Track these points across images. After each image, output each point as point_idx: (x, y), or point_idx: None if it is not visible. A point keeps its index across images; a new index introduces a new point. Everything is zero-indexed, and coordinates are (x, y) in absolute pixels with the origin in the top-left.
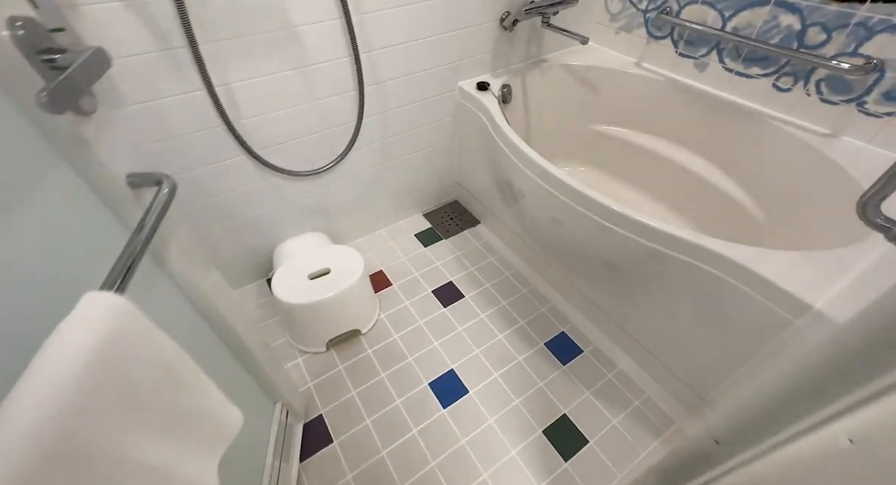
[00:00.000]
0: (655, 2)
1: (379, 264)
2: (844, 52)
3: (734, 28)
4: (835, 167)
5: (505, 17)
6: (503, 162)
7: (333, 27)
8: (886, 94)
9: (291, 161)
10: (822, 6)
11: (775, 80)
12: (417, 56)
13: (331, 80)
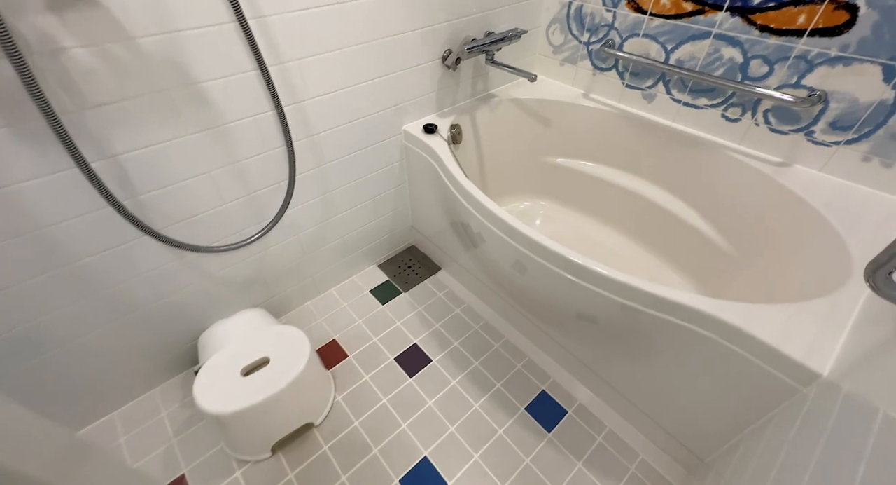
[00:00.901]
0: (597, 34)
1: (331, 332)
2: (788, 83)
3: (678, 60)
4: (791, 195)
5: (447, 55)
6: (458, 208)
7: (248, 80)
8: (833, 124)
9: (211, 234)
10: (761, 40)
11: (724, 110)
12: (354, 102)
13: (252, 139)
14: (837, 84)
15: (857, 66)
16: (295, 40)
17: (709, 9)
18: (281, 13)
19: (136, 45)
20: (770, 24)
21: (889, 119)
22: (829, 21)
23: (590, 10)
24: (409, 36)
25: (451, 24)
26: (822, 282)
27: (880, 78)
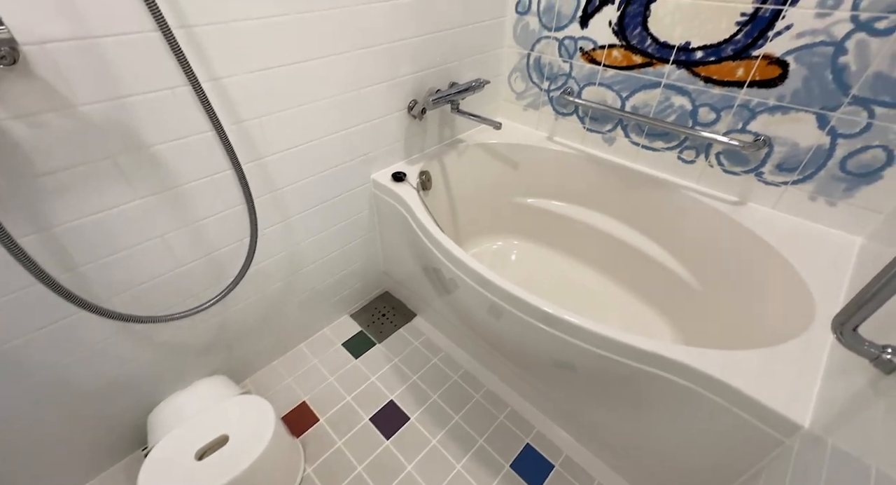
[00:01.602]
0: (556, 83)
1: (300, 394)
2: (735, 129)
3: (633, 107)
4: (748, 233)
5: (413, 105)
6: (429, 256)
7: (204, 140)
8: (779, 166)
9: (164, 300)
10: (706, 90)
11: (679, 153)
12: (320, 155)
13: (209, 198)
14: (779, 130)
15: (794, 115)
16: (255, 100)
17: (656, 61)
18: (238, 74)
19: (79, 114)
20: (713, 76)
21: (828, 162)
22: (765, 74)
23: (548, 60)
24: (375, 89)
25: (415, 77)
26: (789, 322)
27: (815, 125)
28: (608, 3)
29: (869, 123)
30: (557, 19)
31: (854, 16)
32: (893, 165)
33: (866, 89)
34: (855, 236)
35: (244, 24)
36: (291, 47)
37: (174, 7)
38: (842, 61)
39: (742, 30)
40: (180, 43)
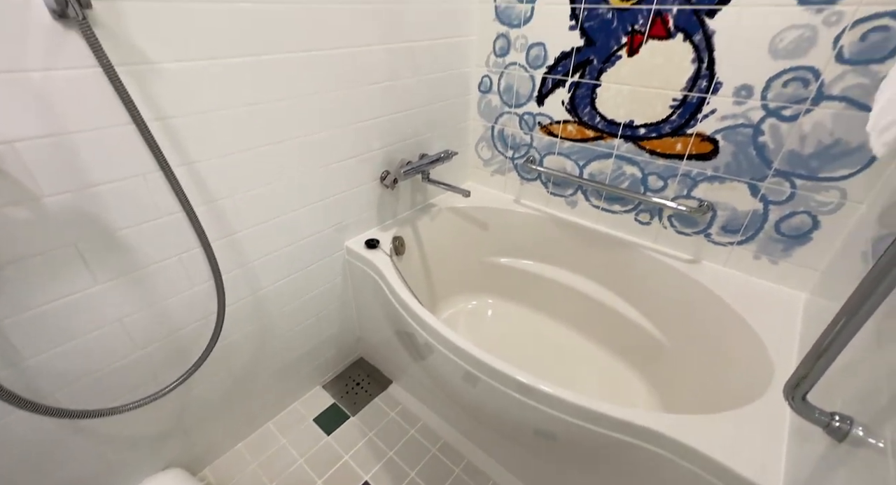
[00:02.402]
0: (520, 151)
1: (266, 482)
2: (681, 195)
3: (590, 174)
4: (704, 290)
5: (385, 176)
6: (403, 323)
7: (173, 221)
8: (724, 228)
9: (117, 389)
10: (652, 161)
11: (636, 215)
12: (293, 227)
13: (175, 278)
14: (718, 197)
15: (729, 184)
16: (227, 180)
17: (607, 135)
18: (211, 159)
19: (42, 205)
20: (656, 149)
21: (764, 225)
22: (699, 149)
23: (510, 132)
24: (347, 163)
25: (386, 151)
26: (752, 379)
27: (748, 193)
28: (560, 86)
29: (793, 192)
30: (516, 98)
31: (764, 104)
32: (819, 229)
33: (785, 164)
34: (799, 292)
35: (219, 113)
36: (265, 131)
37: (151, 102)
38: (761, 140)
39: (675, 112)
40: (155, 134)
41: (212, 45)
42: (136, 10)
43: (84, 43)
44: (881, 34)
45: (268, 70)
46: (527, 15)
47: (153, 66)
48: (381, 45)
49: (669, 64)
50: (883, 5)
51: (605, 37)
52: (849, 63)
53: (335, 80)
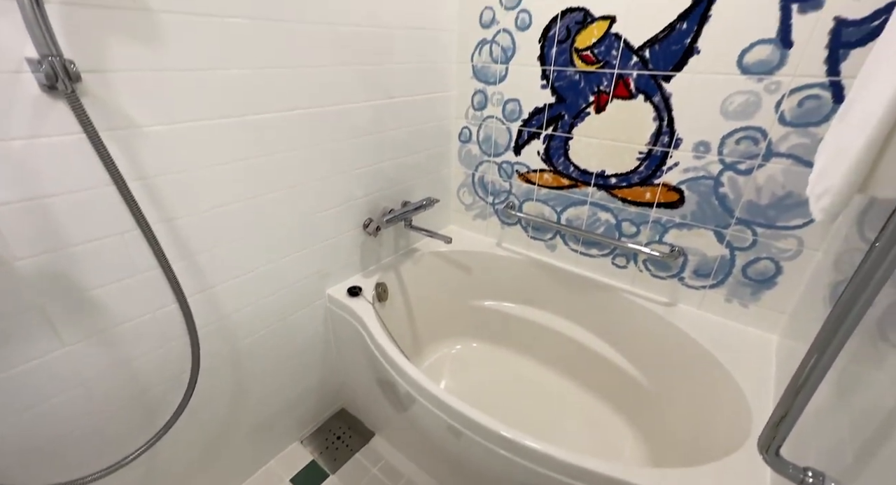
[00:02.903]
0: (499, 197)
1: None
2: (653, 240)
3: (567, 220)
4: (681, 334)
5: (368, 223)
6: (385, 374)
7: (149, 278)
8: (696, 272)
9: (73, 461)
10: (625, 208)
11: (612, 259)
12: (274, 278)
13: (148, 335)
14: (688, 242)
15: (696, 231)
16: (207, 234)
17: (581, 184)
18: (192, 215)
19: (11, 269)
20: (627, 197)
21: (732, 270)
22: (667, 198)
23: (490, 179)
24: (330, 212)
25: (369, 199)
26: (732, 425)
27: (715, 240)
28: (535, 138)
29: (755, 239)
30: (495, 148)
31: (721, 159)
32: (783, 274)
33: (745, 213)
34: (770, 334)
35: (202, 171)
36: (249, 185)
37: (133, 163)
38: (721, 191)
39: (642, 164)
40: (135, 194)
41: (197, 109)
42: (125, 79)
43: (70, 112)
44: (815, 101)
45: (253, 128)
46: (502, 74)
47: (138, 129)
48: (367, 102)
49: (633, 121)
50: (812, 78)
51: (574, 95)
52: (791, 125)
53: (321, 134)
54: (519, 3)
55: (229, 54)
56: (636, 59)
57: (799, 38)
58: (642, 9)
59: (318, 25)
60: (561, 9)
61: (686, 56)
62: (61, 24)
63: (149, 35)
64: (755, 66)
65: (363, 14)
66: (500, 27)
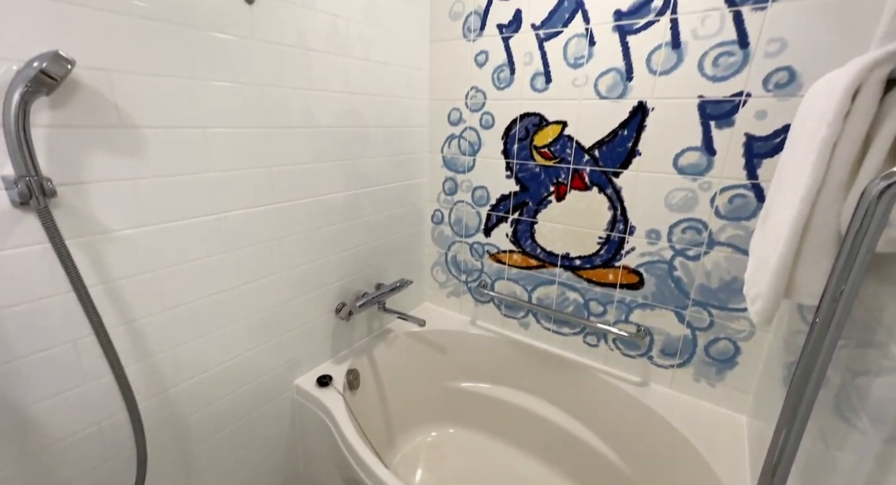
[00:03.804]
0: (472, 276)
1: None
2: (620, 319)
3: (538, 299)
4: (655, 416)
5: (340, 308)
6: (352, 472)
7: (99, 386)
8: (663, 351)
9: None
10: (591, 288)
11: (583, 338)
12: (238, 372)
13: (89, 450)
14: (652, 322)
15: (659, 311)
16: (171, 333)
17: (548, 264)
18: (156, 313)
19: None
20: (592, 278)
21: (696, 349)
22: (628, 280)
23: (462, 258)
24: (301, 300)
25: (342, 284)
26: None
27: (676, 320)
28: (503, 221)
29: (712, 320)
30: (466, 229)
31: (671, 245)
32: (742, 354)
33: (699, 295)
34: (740, 415)
35: (171, 269)
36: (220, 280)
37: (100, 268)
38: (676, 275)
39: (603, 248)
40: (96, 298)
41: (170, 211)
42: (101, 188)
43: (39, 225)
44: (742, 200)
45: (229, 225)
46: (470, 164)
47: (109, 235)
48: (344, 192)
49: (591, 209)
50: (736, 180)
51: (537, 185)
52: (725, 219)
53: (298, 224)
54: (483, 106)
55: (209, 160)
56: (588, 157)
57: (720, 148)
58: (589, 117)
59: (298, 129)
60: (520, 113)
61: (630, 157)
62: (45, 144)
63: (131, 149)
64: (688, 168)
65: (342, 116)
66: (466, 125)
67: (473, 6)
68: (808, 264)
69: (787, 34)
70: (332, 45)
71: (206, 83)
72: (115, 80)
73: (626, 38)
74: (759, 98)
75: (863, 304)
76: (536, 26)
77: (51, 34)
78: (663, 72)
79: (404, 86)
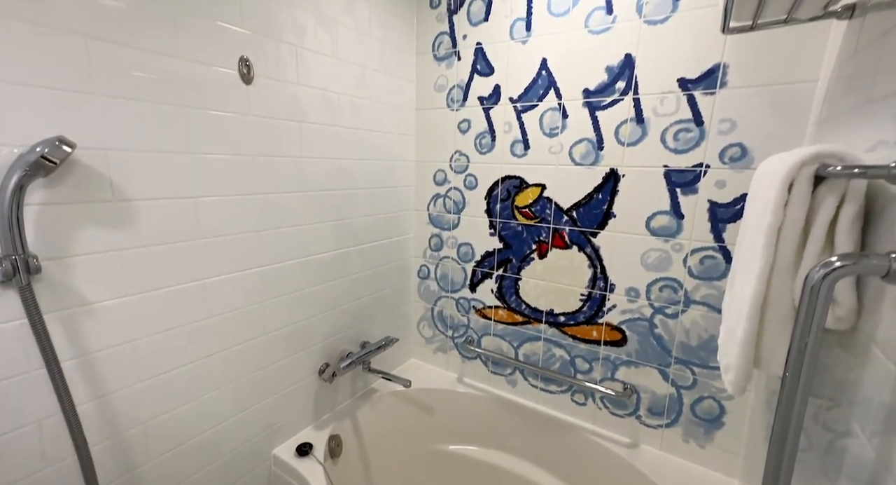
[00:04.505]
0: (459, 331)
1: None
2: (606, 377)
3: (524, 355)
4: (646, 481)
5: (324, 369)
6: None
7: (60, 470)
8: (650, 410)
9: None
10: (575, 344)
11: (571, 396)
12: (215, 444)
13: None
14: (638, 380)
15: (643, 369)
16: (145, 406)
17: (533, 321)
18: (131, 385)
19: None
20: (577, 334)
21: (682, 408)
22: (611, 337)
23: (448, 313)
24: (284, 362)
25: (326, 343)
26: None
27: (661, 378)
28: (488, 277)
29: (694, 379)
30: (452, 285)
31: (650, 303)
32: (727, 413)
33: (681, 353)
34: (731, 479)
35: (150, 338)
36: (200, 347)
37: (76, 342)
38: (657, 332)
39: (585, 304)
40: (68, 373)
41: (152, 280)
42: (86, 261)
43: (18, 301)
44: (712, 261)
45: (213, 291)
46: (455, 222)
47: (89, 306)
48: (333, 251)
49: (572, 267)
50: (705, 242)
51: (519, 243)
52: (698, 278)
53: (285, 285)
54: (466, 168)
55: (198, 228)
56: (567, 218)
57: (687, 212)
58: (566, 181)
59: (288, 194)
60: (501, 175)
61: (606, 218)
62: (35, 221)
63: (121, 221)
64: (660, 230)
65: (332, 179)
66: (451, 185)
67: (456, 80)
68: (772, 337)
69: (735, 116)
70: (323, 116)
71: (202, 156)
72: (112, 157)
73: (595, 113)
74: (717, 169)
75: (830, 371)
76: (514, 100)
77: (55, 119)
78: (630, 143)
79: (392, 149)
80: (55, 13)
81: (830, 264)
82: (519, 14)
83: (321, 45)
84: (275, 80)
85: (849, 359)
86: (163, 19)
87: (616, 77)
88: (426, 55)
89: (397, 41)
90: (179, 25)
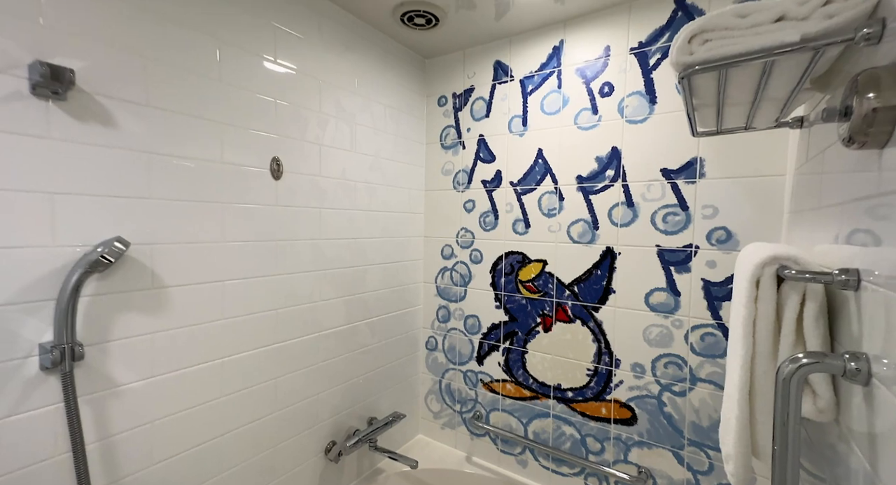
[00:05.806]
0: (466, 406)
1: None
2: (619, 459)
3: (534, 433)
4: None
5: (330, 447)
6: None
7: None
8: None
9: None
10: (585, 422)
11: (585, 480)
12: None
13: None
14: (652, 463)
15: (657, 450)
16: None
17: (541, 396)
18: (139, 471)
19: None
20: (586, 411)
21: None
22: (620, 414)
23: (456, 387)
24: (291, 441)
25: (334, 420)
26: None
27: (675, 461)
28: (495, 350)
29: (711, 463)
30: (459, 357)
31: (657, 380)
32: None
33: (693, 434)
34: None
35: (163, 421)
36: (209, 427)
37: (101, 423)
38: (666, 411)
39: (592, 379)
40: (91, 457)
41: (178, 360)
42: (122, 345)
43: (59, 386)
44: (713, 338)
45: (230, 369)
46: (462, 294)
47: (117, 389)
48: (346, 325)
49: (576, 341)
50: (703, 320)
51: (524, 316)
52: (701, 355)
53: (298, 361)
54: (472, 244)
55: (223, 309)
56: (568, 292)
57: (683, 290)
58: (565, 258)
59: (305, 273)
60: (504, 251)
61: (606, 293)
62: (85, 311)
63: (156, 307)
64: (659, 307)
65: (347, 256)
66: (457, 259)
67: (461, 165)
68: (763, 427)
69: (716, 202)
70: (340, 201)
71: (232, 244)
72: (156, 251)
73: (588, 196)
74: (706, 250)
75: (829, 461)
76: (514, 183)
77: (115, 221)
78: (623, 224)
79: (402, 226)
80: (126, 138)
81: (798, 360)
82: (516, 112)
83: (341, 141)
84: (300, 174)
85: (839, 450)
86: (211, 134)
87: (605, 166)
88: (434, 144)
89: (408, 133)
90: (224, 137)
